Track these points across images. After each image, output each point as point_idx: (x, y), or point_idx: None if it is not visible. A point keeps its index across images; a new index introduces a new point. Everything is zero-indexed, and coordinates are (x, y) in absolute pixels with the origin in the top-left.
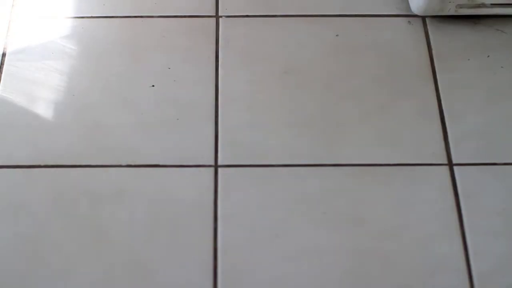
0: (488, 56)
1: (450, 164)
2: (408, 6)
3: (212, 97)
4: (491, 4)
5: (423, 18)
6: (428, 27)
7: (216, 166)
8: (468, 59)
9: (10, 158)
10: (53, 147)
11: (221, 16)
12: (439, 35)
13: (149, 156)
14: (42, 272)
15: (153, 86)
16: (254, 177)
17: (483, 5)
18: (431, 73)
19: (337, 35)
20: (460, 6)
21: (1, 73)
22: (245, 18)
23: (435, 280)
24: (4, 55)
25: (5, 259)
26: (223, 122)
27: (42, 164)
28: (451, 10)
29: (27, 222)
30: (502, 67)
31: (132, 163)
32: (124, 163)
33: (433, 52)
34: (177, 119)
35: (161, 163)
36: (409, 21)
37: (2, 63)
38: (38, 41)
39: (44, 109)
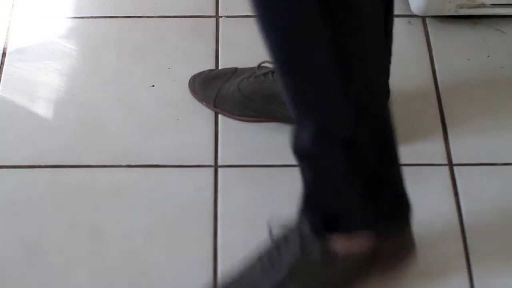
0: (488, 56)
1: (450, 164)
2: (408, 6)
3: None
4: (491, 4)
5: (423, 18)
6: (428, 27)
7: (216, 166)
8: (468, 59)
9: (10, 158)
10: (53, 147)
11: (221, 16)
12: (439, 35)
13: (149, 156)
14: (42, 272)
15: (153, 86)
16: (254, 177)
17: (483, 5)
18: (431, 73)
19: None
20: (460, 6)
21: (1, 73)
22: (245, 18)
23: (435, 280)
24: (4, 55)
25: (5, 259)
26: (223, 122)
27: (42, 164)
28: (451, 10)
29: (27, 222)
30: (502, 67)
31: (132, 163)
32: (124, 163)
33: (433, 52)
34: (177, 119)
35: (161, 163)
36: (409, 21)
37: (2, 63)
38: (38, 41)
39: (44, 109)
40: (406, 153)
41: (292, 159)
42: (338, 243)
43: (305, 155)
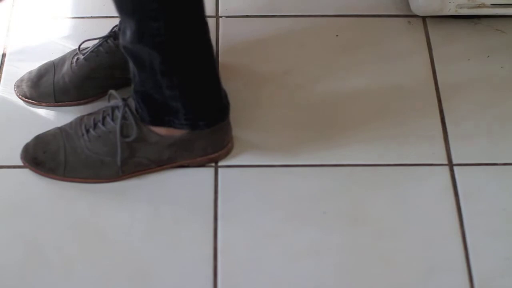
0: (488, 56)
1: (450, 164)
2: (408, 6)
3: None
4: (491, 4)
5: (423, 18)
6: (428, 27)
7: (216, 166)
8: (468, 59)
9: (10, 158)
10: None
11: (221, 16)
12: (439, 35)
13: None
14: (42, 272)
15: None
16: (254, 177)
17: (483, 5)
18: (431, 73)
19: (337, 35)
20: (460, 6)
21: (1, 73)
22: (245, 18)
23: (435, 280)
24: (4, 55)
25: (6, 259)
26: None
27: None
28: (451, 10)
29: (27, 222)
30: (502, 67)
31: None
32: None
33: (433, 52)
34: None
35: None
36: (409, 21)
37: (2, 63)
38: (38, 41)
39: (44, 109)
40: (406, 153)
41: (292, 159)
42: (158, 130)
43: (128, 51)
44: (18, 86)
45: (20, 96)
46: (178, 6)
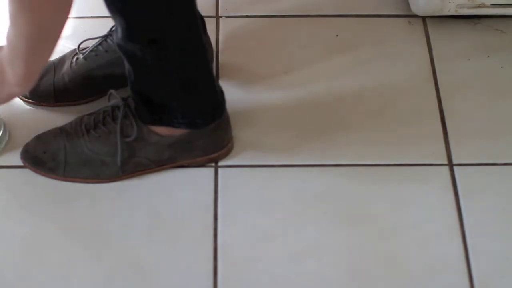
0: (488, 56)
1: (450, 164)
2: (408, 6)
3: None
4: (491, 4)
5: (423, 18)
6: (428, 27)
7: (216, 166)
8: (468, 59)
9: (10, 158)
10: None
11: (221, 16)
12: (439, 35)
13: None
14: (42, 272)
15: None
16: (254, 177)
17: (483, 5)
18: (431, 73)
19: (337, 35)
20: (460, 6)
21: None
22: (245, 18)
23: (435, 280)
24: None
25: (5, 258)
26: None
27: None
28: (451, 10)
29: (27, 222)
30: (502, 67)
31: None
32: None
33: (433, 52)
34: None
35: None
36: (409, 21)
37: None
38: None
39: (44, 109)
40: (406, 153)
41: (292, 159)
42: (158, 130)
43: (121, 48)
44: None
45: (20, 96)
46: (167, 1)
